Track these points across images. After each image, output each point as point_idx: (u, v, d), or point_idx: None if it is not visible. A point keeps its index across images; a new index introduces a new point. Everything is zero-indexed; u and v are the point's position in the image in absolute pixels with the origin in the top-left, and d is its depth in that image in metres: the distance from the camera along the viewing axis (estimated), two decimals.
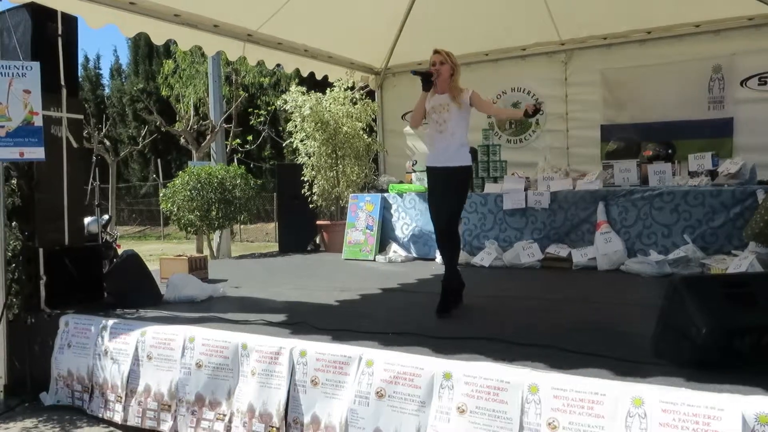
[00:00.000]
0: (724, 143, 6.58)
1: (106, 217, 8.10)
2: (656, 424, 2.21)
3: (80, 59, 26.86)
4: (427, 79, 4.16)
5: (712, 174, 5.82)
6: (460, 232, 4.76)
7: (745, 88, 6.58)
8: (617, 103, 7.25)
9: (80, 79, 23.91)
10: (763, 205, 4.94)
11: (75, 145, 4.59)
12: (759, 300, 2.60)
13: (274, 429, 3.06)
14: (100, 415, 3.73)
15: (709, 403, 2.16)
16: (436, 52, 4.26)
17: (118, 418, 3.64)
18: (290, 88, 8.27)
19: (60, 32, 4.52)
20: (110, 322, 3.88)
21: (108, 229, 7.81)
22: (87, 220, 5.77)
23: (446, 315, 3.99)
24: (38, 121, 4.07)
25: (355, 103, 8.14)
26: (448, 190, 4.18)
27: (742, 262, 4.84)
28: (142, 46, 23.87)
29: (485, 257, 6.23)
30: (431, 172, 4.31)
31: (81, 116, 4.83)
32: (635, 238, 5.80)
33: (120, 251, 6.28)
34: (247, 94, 15.43)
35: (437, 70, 4.18)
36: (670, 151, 6.33)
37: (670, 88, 6.87)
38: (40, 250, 4.34)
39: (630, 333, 3.28)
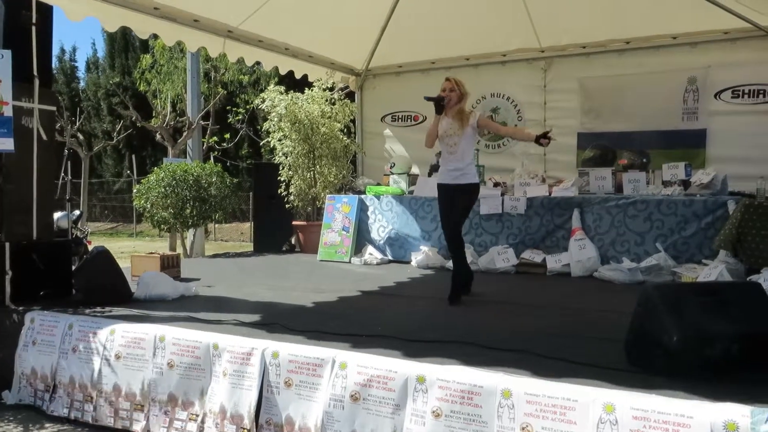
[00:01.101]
0: (697, 154, 6.69)
1: (77, 212, 7.97)
2: (627, 430, 2.23)
3: (56, 50, 26.41)
4: (439, 104, 4.58)
5: (685, 184, 5.91)
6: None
7: (718, 101, 6.70)
8: (594, 111, 7.33)
9: (55, 71, 23.49)
10: (733, 215, 5.03)
11: (45, 138, 4.48)
12: (729, 308, 2.64)
13: (245, 430, 3.02)
14: (65, 415, 3.63)
15: (679, 410, 2.18)
16: (446, 79, 4.70)
17: (88, 418, 3.55)
18: (268, 87, 8.21)
19: (34, 21, 4.42)
20: (78, 319, 3.79)
21: (79, 225, 7.68)
22: (57, 215, 5.65)
23: (458, 303, 4.48)
24: (8, 112, 3.97)
25: (333, 104, 8.11)
26: (457, 202, 4.66)
27: (712, 272, 4.92)
28: (118, 40, 23.49)
29: None
30: (443, 188, 4.73)
31: (54, 108, 4.73)
32: (609, 246, 5.86)
33: (90, 247, 6.17)
34: (225, 92, 15.29)
35: (447, 96, 4.60)
36: (644, 160, 6.42)
37: (646, 97, 6.97)
38: (7, 245, 4.24)
39: (602, 339, 3.30)
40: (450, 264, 6.29)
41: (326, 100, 8.02)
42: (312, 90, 8.04)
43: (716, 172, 5.81)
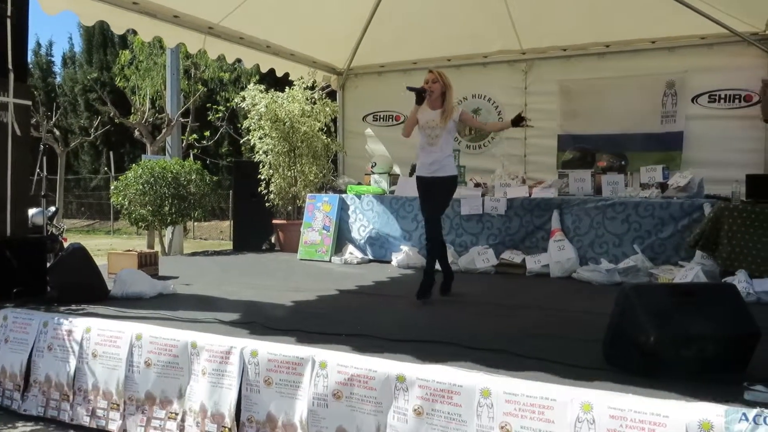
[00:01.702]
0: (674, 157, 6.79)
1: (52, 209, 7.85)
2: (604, 429, 2.25)
3: (31, 45, 25.97)
4: (420, 95, 4.58)
5: (663, 186, 5.99)
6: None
7: (696, 105, 6.80)
8: (574, 113, 7.39)
9: (30, 66, 23.06)
10: (707, 217, 5.12)
11: (19, 133, 4.40)
12: (705, 309, 2.68)
13: (227, 429, 3.00)
14: (40, 414, 3.57)
15: (655, 409, 2.21)
16: (429, 71, 4.72)
17: (65, 417, 3.49)
18: (248, 86, 8.15)
19: (9, 13, 4.33)
20: (52, 317, 3.73)
21: (54, 222, 7.56)
22: (32, 211, 5.56)
23: (447, 294, 4.76)
24: None
25: (314, 103, 8.07)
26: (434, 195, 4.68)
27: (688, 273, 5.00)
28: (96, 35, 23.18)
29: None
30: (422, 181, 4.74)
31: (29, 103, 4.64)
32: (587, 247, 5.92)
33: (66, 245, 6.07)
34: (206, 89, 15.17)
35: (430, 88, 4.61)
36: (623, 162, 6.50)
37: (625, 101, 7.05)
38: None
39: (580, 339, 3.33)
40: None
41: (307, 99, 7.98)
42: (293, 89, 8.00)
43: (693, 175, 5.89)
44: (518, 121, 4.69)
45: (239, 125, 8.82)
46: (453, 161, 4.77)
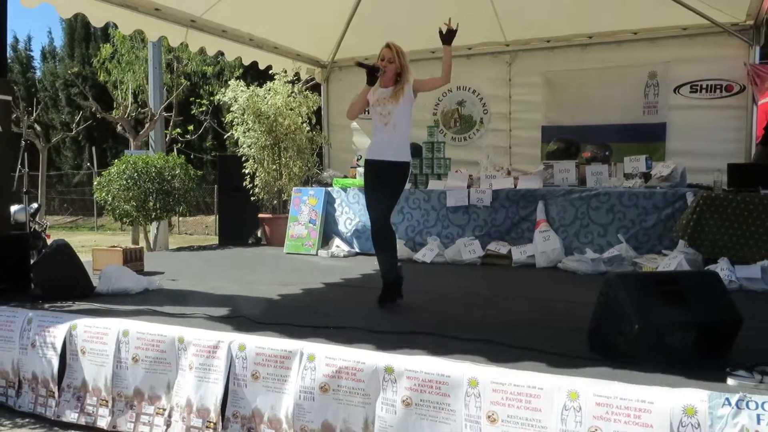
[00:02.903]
0: (657, 147, 6.85)
1: (34, 205, 7.74)
2: (590, 416, 2.27)
3: (9, 39, 25.50)
4: (372, 74, 4.07)
5: (646, 176, 6.04)
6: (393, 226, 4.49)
7: (678, 95, 6.87)
8: (558, 104, 7.43)
9: (9, 61, 22.70)
10: (691, 207, 5.18)
11: None
12: (688, 297, 2.71)
13: (212, 424, 2.99)
14: (30, 410, 3.56)
15: (640, 396, 2.24)
16: (387, 46, 4.15)
17: (50, 414, 3.48)
18: (229, 82, 8.07)
19: None
20: (37, 314, 3.69)
21: (37, 218, 7.47)
22: (14, 208, 5.48)
23: (387, 305, 4.00)
24: None
25: (294, 97, 8.01)
26: (387, 184, 4.10)
27: (671, 262, 5.06)
28: (78, 29, 22.88)
29: (427, 253, 6.27)
30: (371, 165, 4.18)
31: (9, 98, 4.57)
32: (572, 237, 5.96)
33: (49, 241, 6.01)
34: (189, 83, 15.03)
35: (384, 67, 4.09)
36: (607, 153, 6.54)
37: (609, 92, 7.10)
38: None
39: (566, 328, 3.36)
40: (416, 256, 6.34)
41: (288, 93, 7.92)
42: (274, 83, 7.92)
43: (675, 165, 5.95)
44: (448, 36, 4.15)
45: (223, 119, 8.75)
46: (409, 146, 4.24)
